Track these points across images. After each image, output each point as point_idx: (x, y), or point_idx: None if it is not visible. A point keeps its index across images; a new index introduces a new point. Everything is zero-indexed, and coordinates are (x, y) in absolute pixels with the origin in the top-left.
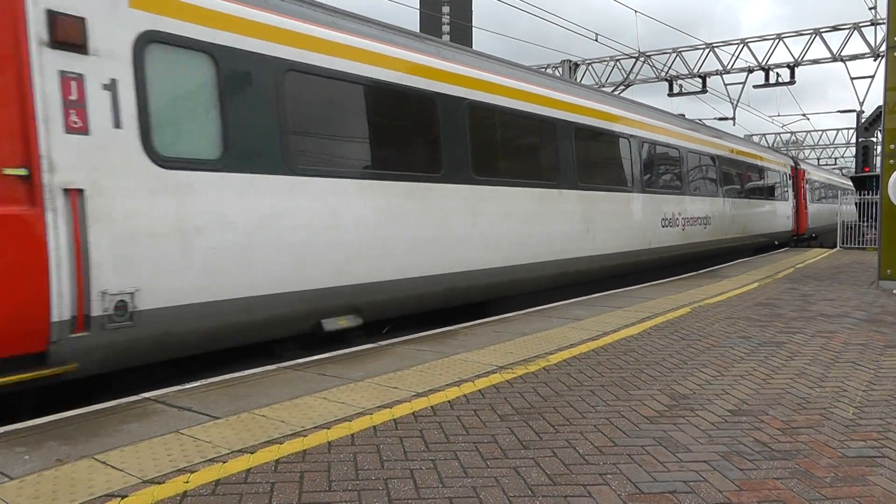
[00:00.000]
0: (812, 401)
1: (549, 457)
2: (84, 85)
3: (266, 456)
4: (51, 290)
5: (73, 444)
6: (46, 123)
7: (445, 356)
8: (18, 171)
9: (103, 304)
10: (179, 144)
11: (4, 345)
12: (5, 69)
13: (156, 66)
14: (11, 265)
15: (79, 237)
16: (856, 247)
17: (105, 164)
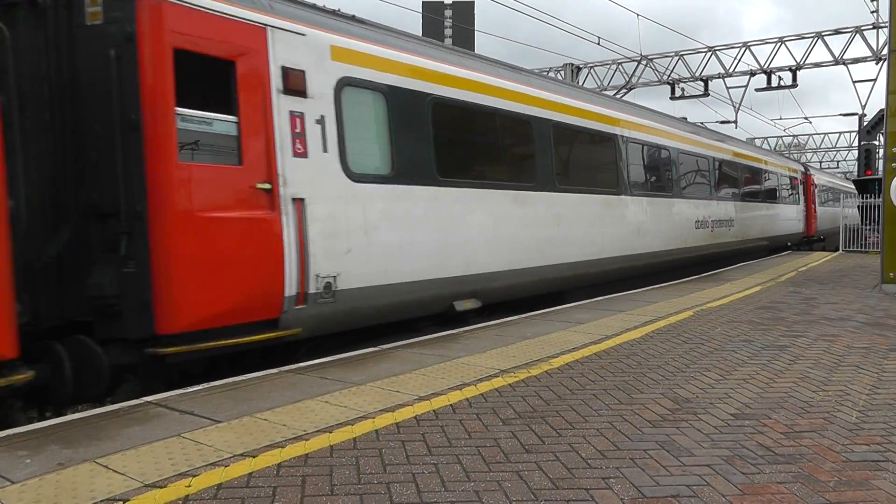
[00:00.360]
0: (815, 405)
1: (551, 461)
2: (304, 121)
3: (268, 460)
4: (285, 273)
5: (74, 448)
6: (281, 150)
7: (448, 360)
8: (265, 185)
9: (316, 284)
10: (364, 163)
11: (255, 312)
12: (258, 112)
13: (348, 104)
14: (261, 254)
15: (301, 234)
16: (858, 250)
17: (317, 180)
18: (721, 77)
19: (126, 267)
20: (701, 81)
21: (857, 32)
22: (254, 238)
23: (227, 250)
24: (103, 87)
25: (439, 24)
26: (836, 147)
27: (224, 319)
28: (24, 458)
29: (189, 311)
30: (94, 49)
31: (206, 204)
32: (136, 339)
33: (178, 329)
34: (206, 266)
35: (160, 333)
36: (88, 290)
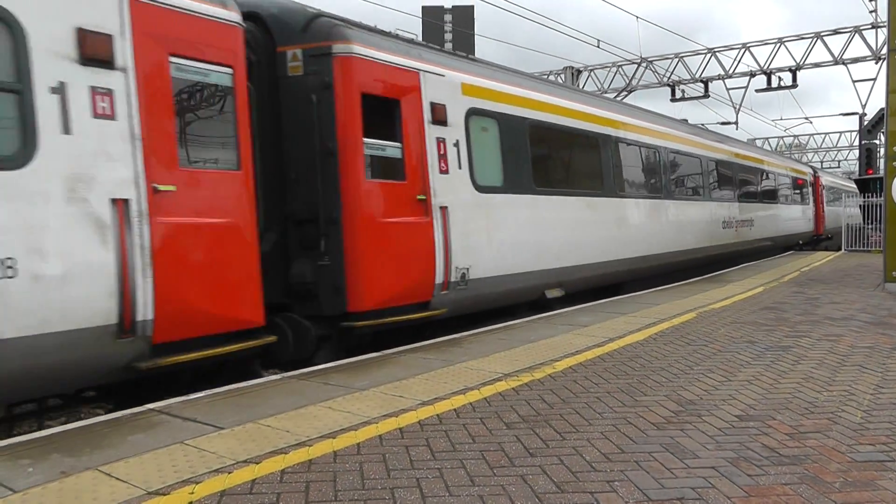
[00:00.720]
0: (819, 405)
1: (556, 464)
2: (446, 144)
3: (271, 466)
4: (435, 265)
5: (77, 456)
6: (432, 169)
7: (451, 364)
8: (421, 196)
9: (456, 274)
10: (485, 177)
11: (414, 296)
12: (415, 139)
13: (473, 129)
14: (419, 250)
15: (446, 234)
16: (861, 249)
17: (455, 191)
18: (721, 78)
19: (322, 261)
20: (701, 83)
21: (856, 32)
22: (415, 238)
23: (396, 247)
24: (304, 123)
25: (439, 28)
26: (837, 147)
27: (394, 301)
28: (26, 466)
29: (371, 295)
30: (296, 94)
31: (383, 211)
32: (329, 316)
33: (363, 308)
34: (382, 259)
35: (350, 311)
36: (291, 278)
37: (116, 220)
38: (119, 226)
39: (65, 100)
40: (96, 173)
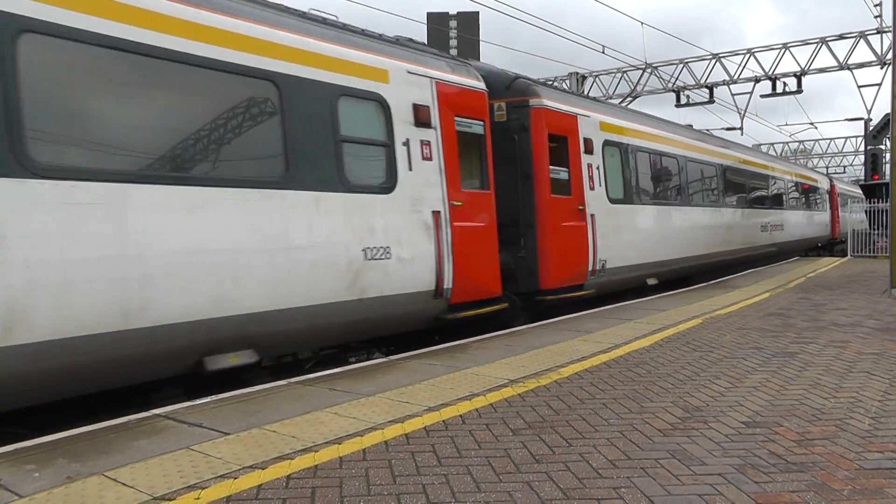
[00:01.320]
0: (827, 412)
1: (562, 471)
2: (592, 168)
3: (277, 472)
4: (588, 257)
5: (82, 461)
6: (585, 186)
7: (456, 370)
8: (581, 207)
9: (599, 264)
10: (614, 191)
11: (575, 279)
12: (576, 165)
13: (606, 155)
14: (580, 246)
15: (594, 235)
16: (867, 255)
17: (598, 202)
18: (726, 84)
19: (519, 253)
20: (706, 89)
21: (861, 37)
22: (577, 238)
23: (567, 244)
24: (507, 155)
25: (444, 34)
26: (843, 152)
27: (565, 283)
28: (31, 471)
29: (553, 277)
30: (502, 134)
31: (560, 218)
32: (524, 292)
33: (548, 287)
34: (560, 253)
35: (540, 289)
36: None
37: (433, 225)
38: (436, 228)
39: (409, 149)
40: (425, 195)
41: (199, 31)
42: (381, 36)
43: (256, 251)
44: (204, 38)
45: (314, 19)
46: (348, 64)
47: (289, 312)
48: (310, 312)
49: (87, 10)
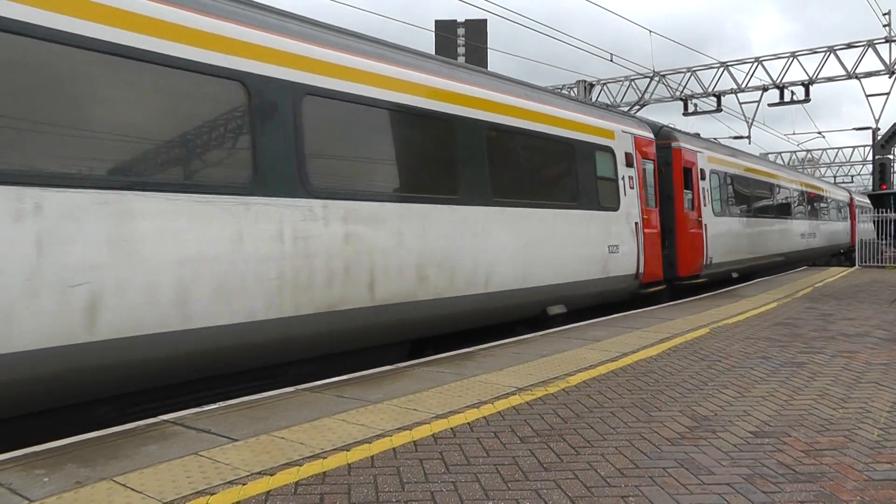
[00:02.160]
0: (835, 422)
1: (570, 479)
2: (705, 190)
3: (286, 478)
4: (703, 254)
5: (91, 467)
6: (702, 203)
7: (464, 378)
8: (699, 218)
9: (708, 260)
10: (717, 208)
11: (694, 270)
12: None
13: (711, 180)
14: (698, 246)
15: (706, 238)
16: (875, 265)
17: (708, 216)
18: (734, 92)
19: (664, 249)
20: (714, 97)
21: (869, 46)
22: (697, 241)
23: (693, 245)
24: (658, 182)
25: (452, 42)
26: (850, 161)
27: (690, 272)
28: (41, 476)
29: (686, 268)
30: (653, 168)
31: (689, 226)
32: (667, 279)
33: (682, 275)
34: (689, 250)
35: (679, 276)
36: None
37: (635, 231)
38: (636, 233)
39: (624, 183)
40: (632, 211)
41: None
42: (607, 106)
43: (572, 246)
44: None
45: (583, 102)
46: (598, 129)
47: (581, 283)
48: (588, 283)
49: (353, 79)
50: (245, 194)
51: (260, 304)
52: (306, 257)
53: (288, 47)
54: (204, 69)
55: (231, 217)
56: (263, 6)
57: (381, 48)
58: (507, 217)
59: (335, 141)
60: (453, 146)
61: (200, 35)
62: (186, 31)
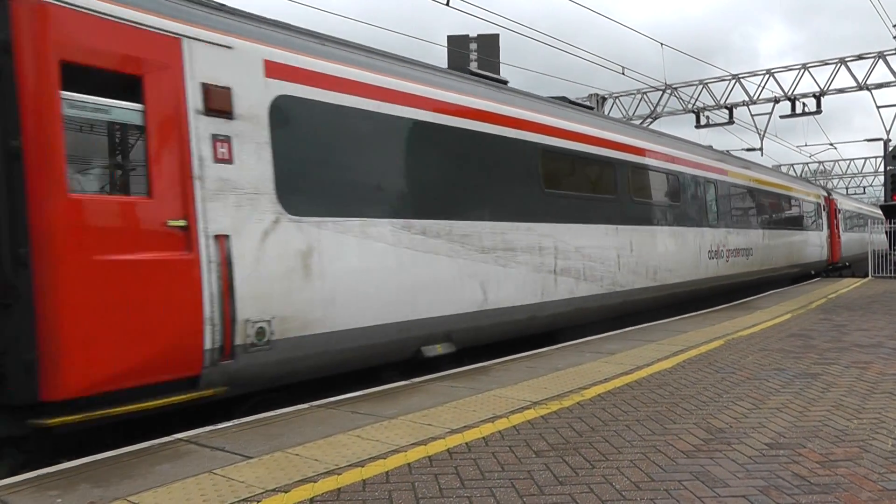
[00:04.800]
0: (850, 433)
1: (585, 493)
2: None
3: (300, 495)
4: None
5: (105, 487)
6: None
7: (479, 392)
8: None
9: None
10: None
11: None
12: (829, 215)
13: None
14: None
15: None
16: (888, 276)
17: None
18: (745, 105)
19: None
20: (726, 109)
21: (880, 58)
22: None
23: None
24: None
25: (464, 57)
26: (862, 172)
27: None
28: (54, 497)
29: None
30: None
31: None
32: None
33: None
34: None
35: None
36: None
37: (827, 238)
38: (827, 240)
39: (818, 218)
40: (824, 229)
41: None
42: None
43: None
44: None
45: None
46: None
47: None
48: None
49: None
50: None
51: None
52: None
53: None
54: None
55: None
56: (555, 102)
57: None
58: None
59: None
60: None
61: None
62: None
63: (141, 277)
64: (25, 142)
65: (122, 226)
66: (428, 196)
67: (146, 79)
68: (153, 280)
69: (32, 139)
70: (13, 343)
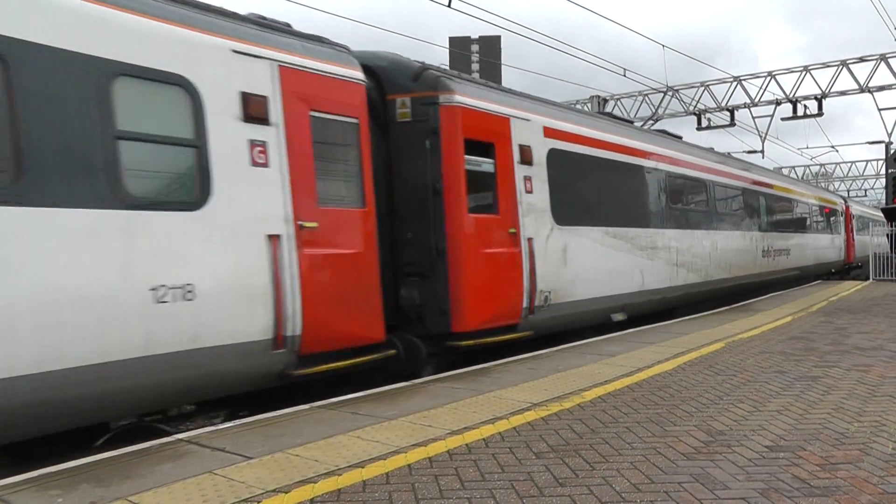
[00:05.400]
0: (850, 436)
1: (585, 494)
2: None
3: (300, 495)
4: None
5: (106, 487)
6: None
7: (479, 394)
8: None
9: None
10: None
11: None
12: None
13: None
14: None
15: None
16: (889, 279)
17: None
18: (747, 107)
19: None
20: (727, 111)
21: (882, 60)
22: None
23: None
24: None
25: (466, 58)
26: (864, 175)
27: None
28: (55, 497)
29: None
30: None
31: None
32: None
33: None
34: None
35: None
36: None
37: (845, 242)
38: (844, 244)
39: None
40: (842, 233)
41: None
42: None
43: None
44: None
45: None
46: (838, 203)
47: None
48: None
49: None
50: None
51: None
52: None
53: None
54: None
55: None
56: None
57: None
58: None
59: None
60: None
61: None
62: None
63: (498, 263)
64: (445, 184)
65: (489, 232)
66: (616, 210)
67: (496, 145)
68: (503, 264)
69: (449, 182)
70: (431, 298)
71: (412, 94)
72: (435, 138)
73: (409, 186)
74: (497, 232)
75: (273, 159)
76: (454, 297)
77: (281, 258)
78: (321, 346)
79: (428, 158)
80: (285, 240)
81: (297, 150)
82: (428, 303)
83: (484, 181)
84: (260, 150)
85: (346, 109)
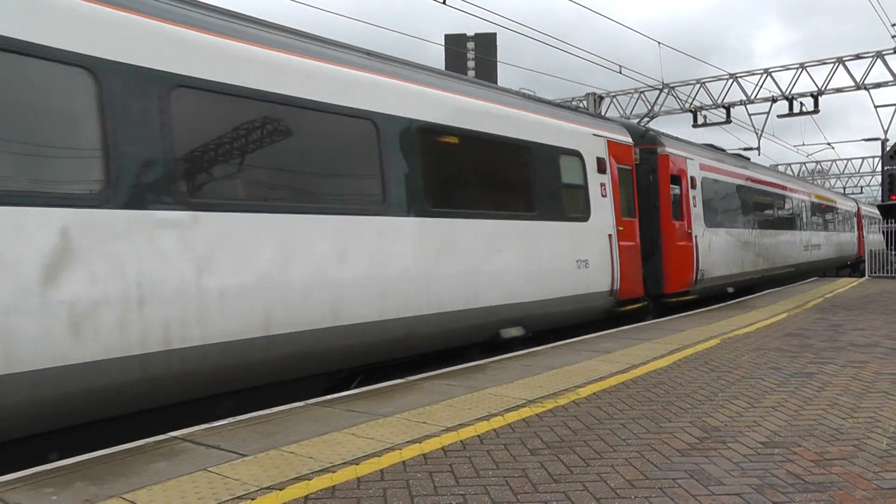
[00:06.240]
0: (845, 432)
1: (580, 490)
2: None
3: (295, 492)
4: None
5: (100, 484)
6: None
7: (474, 390)
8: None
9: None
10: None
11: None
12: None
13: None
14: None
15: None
16: (885, 275)
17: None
18: (743, 104)
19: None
20: (723, 109)
21: (878, 57)
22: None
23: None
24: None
25: (462, 56)
26: (860, 172)
27: (677, 288)
28: (50, 495)
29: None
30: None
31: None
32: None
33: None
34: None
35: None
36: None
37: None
38: (857, 240)
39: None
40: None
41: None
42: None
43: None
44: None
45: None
46: (852, 205)
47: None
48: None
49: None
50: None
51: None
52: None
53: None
54: None
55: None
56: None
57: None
58: None
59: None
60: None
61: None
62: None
63: (683, 251)
64: (661, 202)
65: (680, 232)
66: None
67: (681, 177)
68: (685, 252)
69: (662, 201)
70: (653, 270)
71: (640, 146)
72: (654, 174)
73: (642, 204)
74: (682, 232)
75: (608, 193)
76: (665, 271)
77: (612, 247)
78: (624, 296)
79: (651, 187)
80: (614, 237)
81: (615, 187)
82: (650, 274)
83: (677, 200)
84: (603, 188)
85: (627, 161)
